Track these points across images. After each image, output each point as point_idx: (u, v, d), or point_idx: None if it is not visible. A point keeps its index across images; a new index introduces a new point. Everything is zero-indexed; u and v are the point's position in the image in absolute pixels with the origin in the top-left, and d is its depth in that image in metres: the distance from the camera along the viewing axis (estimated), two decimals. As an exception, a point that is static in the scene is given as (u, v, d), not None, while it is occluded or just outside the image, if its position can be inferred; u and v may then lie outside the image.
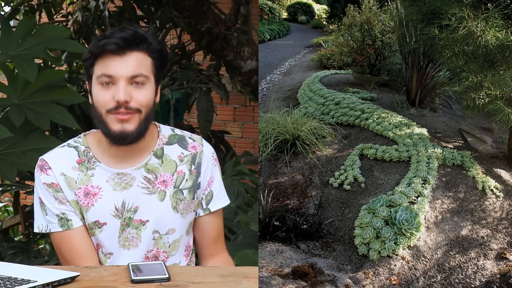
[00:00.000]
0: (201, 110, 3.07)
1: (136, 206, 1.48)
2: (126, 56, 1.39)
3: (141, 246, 1.49)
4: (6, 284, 1.17)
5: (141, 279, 1.24)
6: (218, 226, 1.62)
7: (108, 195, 1.47)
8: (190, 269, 1.37)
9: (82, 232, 1.47)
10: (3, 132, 2.12)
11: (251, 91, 3.38)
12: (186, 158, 1.54)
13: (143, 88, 1.41)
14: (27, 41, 2.28)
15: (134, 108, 1.39)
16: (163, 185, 1.50)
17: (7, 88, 2.26)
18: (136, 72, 1.39)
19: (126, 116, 1.39)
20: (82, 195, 1.46)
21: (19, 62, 2.21)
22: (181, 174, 1.53)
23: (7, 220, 3.55)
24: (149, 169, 1.49)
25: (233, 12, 3.27)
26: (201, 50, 3.44)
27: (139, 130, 1.42)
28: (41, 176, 1.47)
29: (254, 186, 2.82)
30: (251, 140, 4.54)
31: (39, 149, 2.20)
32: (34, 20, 2.42)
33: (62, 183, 1.46)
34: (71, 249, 1.47)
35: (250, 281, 1.25)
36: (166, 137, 1.55)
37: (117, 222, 1.48)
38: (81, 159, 1.48)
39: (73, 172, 1.47)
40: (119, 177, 1.47)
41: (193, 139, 1.58)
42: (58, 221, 1.46)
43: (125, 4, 3.24)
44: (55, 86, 2.29)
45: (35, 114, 2.21)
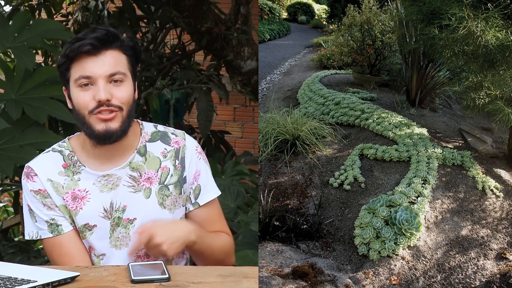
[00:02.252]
0: (201, 110, 3.07)
1: (124, 205, 1.48)
2: (101, 55, 1.40)
3: (132, 245, 1.49)
4: (6, 284, 1.17)
5: (141, 279, 1.24)
6: (211, 217, 1.61)
7: (95, 197, 1.47)
8: (190, 269, 1.37)
9: (72, 237, 1.47)
10: (0, 123, 2.13)
11: (251, 91, 3.38)
12: (169, 154, 1.54)
13: (122, 86, 1.42)
14: (24, 33, 2.31)
15: (116, 105, 1.40)
16: (148, 182, 1.50)
17: (5, 83, 2.27)
18: (114, 70, 1.40)
19: (110, 115, 1.40)
20: (70, 199, 1.46)
21: (17, 52, 2.23)
22: (165, 170, 1.53)
23: (7, 220, 3.55)
24: (133, 168, 1.50)
25: (233, 12, 3.27)
26: (201, 50, 3.44)
27: (123, 128, 1.42)
28: (27, 184, 1.47)
29: (254, 186, 2.82)
30: (251, 140, 4.54)
31: (36, 143, 2.21)
32: (29, 15, 2.44)
33: (50, 188, 1.46)
34: (63, 254, 1.47)
35: (250, 281, 1.25)
36: (148, 134, 1.55)
37: (107, 223, 1.48)
38: (67, 163, 1.48)
39: (59, 177, 1.47)
40: (105, 178, 1.47)
41: (176, 134, 1.58)
42: (48, 227, 1.46)
43: (125, 4, 3.25)
44: (53, 82, 2.30)
45: (32, 109, 2.22)
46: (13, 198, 3.38)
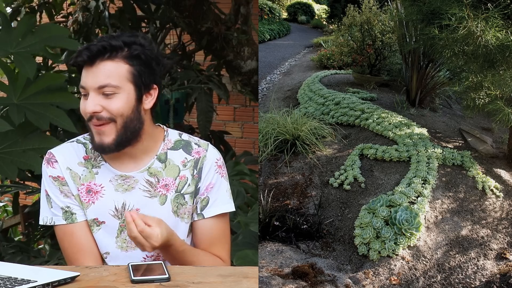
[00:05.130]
0: (200, 110, 3.07)
1: (137, 208, 1.48)
2: (94, 67, 1.40)
3: (139, 249, 1.49)
4: (6, 284, 1.17)
5: (141, 279, 1.24)
6: (213, 234, 1.56)
7: (109, 194, 1.48)
8: (190, 269, 1.37)
9: (84, 227, 1.49)
10: (3, 125, 2.14)
11: (251, 91, 3.38)
12: (189, 163, 1.53)
13: (114, 98, 1.40)
14: (27, 39, 2.30)
15: (106, 117, 1.40)
16: (164, 189, 1.50)
17: (8, 88, 2.27)
18: (103, 83, 1.39)
19: (101, 127, 1.40)
20: (84, 191, 1.48)
21: (18, 59, 2.23)
22: (183, 179, 1.52)
23: (7, 220, 3.55)
24: (151, 173, 1.50)
25: (233, 12, 3.27)
26: (201, 50, 3.44)
27: (118, 140, 1.42)
28: (47, 169, 1.49)
29: (254, 186, 2.82)
30: (251, 140, 4.54)
31: (39, 149, 2.23)
32: (34, 19, 2.43)
33: (68, 177, 1.48)
34: (73, 243, 1.48)
35: (250, 281, 1.25)
36: (171, 142, 1.55)
37: (116, 223, 1.48)
38: (88, 156, 1.50)
39: (78, 167, 1.49)
40: (122, 178, 1.48)
41: (199, 145, 1.56)
42: (63, 214, 1.48)
43: (125, 4, 3.25)
44: (56, 89, 2.30)
45: (34, 115, 2.23)
46: (13, 198, 3.38)
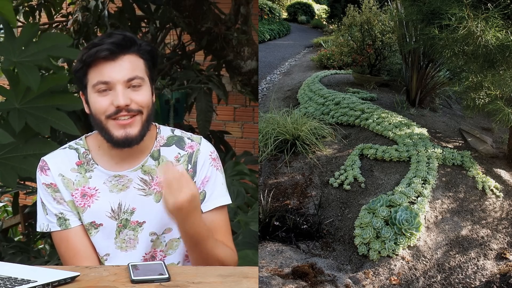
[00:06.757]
0: (200, 110, 3.07)
1: (133, 207, 1.49)
2: (119, 60, 1.40)
3: (139, 248, 1.50)
4: (6, 284, 1.17)
5: (141, 279, 1.24)
6: (214, 227, 1.55)
7: (104, 196, 1.48)
8: (190, 269, 1.37)
9: (79, 232, 1.49)
10: (5, 137, 2.12)
11: (251, 91, 3.38)
12: (182, 158, 1.53)
13: (140, 90, 1.42)
14: (30, 48, 2.27)
15: (135, 109, 1.41)
16: (159, 186, 1.50)
17: (9, 92, 2.25)
18: (132, 75, 1.40)
19: (129, 121, 1.40)
20: (79, 196, 1.48)
21: (22, 69, 2.19)
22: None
23: (7, 220, 3.55)
24: (145, 171, 1.50)
25: (233, 12, 3.27)
26: (201, 50, 3.44)
27: (142, 133, 1.43)
28: (41, 177, 1.50)
29: (254, 186, 2.82)
30: (251, 140, 4.54)
31: (40, 155, 2.19)
32: (37, 27, 2.41)
33: (60, 183, 1.48)
34: (69, 248, 1.49)
35: (250, 281, 1.25)
36: (164, 138, 1.55)
37: (113, 224, 1.48)
38: (81, 161, 1.50)
39: (71, 173, 1.49)
40: (116, 179, 1.48)
41: (192, 139, 1.57)
42: (57, 221, 1.48)
43: (125, 4, 3.25)
44: (57, 92, 2.29)
45: (35, 120, 2.21)
46: (13, 198, 3.39)
